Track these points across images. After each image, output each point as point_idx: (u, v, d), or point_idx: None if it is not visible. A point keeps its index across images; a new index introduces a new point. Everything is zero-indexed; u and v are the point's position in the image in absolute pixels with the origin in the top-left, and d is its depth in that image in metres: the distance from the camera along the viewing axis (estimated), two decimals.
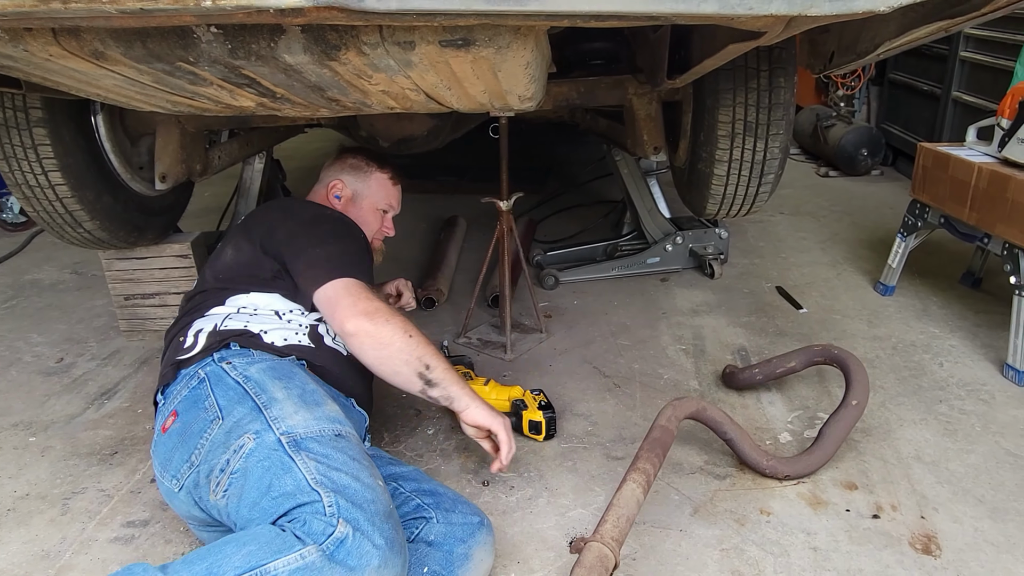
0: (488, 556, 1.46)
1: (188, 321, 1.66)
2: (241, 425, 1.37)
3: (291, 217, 1.80)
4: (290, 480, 1.26)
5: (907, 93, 4.55)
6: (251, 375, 1.48)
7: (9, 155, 1.99)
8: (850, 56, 1.47)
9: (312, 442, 1.34)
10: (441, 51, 1.11)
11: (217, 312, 1.67)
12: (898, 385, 2.18)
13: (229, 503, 1.31)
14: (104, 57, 1.10)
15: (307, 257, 1.68)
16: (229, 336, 1.59)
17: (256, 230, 1.78)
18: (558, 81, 2.16)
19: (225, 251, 1.79)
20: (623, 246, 3.16)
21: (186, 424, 1.44)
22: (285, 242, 1.71)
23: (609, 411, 2.08)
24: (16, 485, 1.85)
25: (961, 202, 2.35)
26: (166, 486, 1.47)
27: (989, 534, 1.60)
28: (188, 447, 1.41)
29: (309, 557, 1.14)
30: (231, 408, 1.41)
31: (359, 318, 1.56)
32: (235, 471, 1.32)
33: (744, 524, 1.65)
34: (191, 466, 1.40)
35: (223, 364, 1.51)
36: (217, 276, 1.75)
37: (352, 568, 1.16)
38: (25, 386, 2.32)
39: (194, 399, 1.47)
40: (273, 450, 1.31)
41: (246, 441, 1.34)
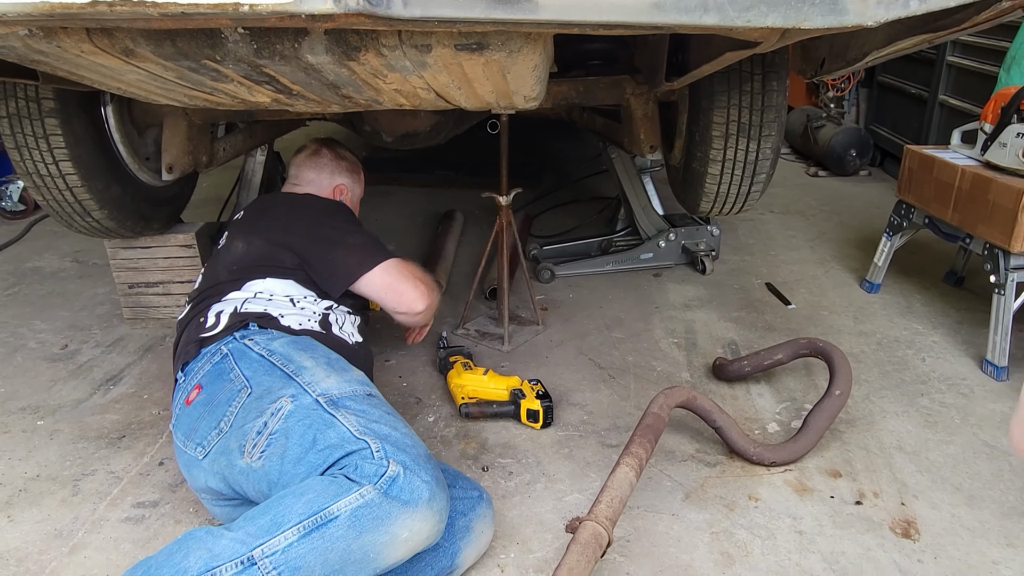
0: (488, 529, 1.53)
1: (206, 305, 1.73)
2: (273, 391, 1.45)
3: (307, 210, 1.91)
4: (334, 433, 1.35)
5: (895, 96, 4.64)
6: (275, 349, 1.57)
7: (21, 144, 2.03)
8: (840, 63, 1.54)
9: (348, 400, 1.44)
10: (455, 54, 1.17)
11: (235, 296, 1.74)
12: (882, 379, 2.26)
13: (268, 463, 1.37)
14: (134, 54, 1.16)
15: (344, 247, 1.83)
16: (249, 317, 1.67)
17: (267, 224, 1.87)
18: (558, 80, 2.22)
19: (234, 245, 1.86)
20: (617, 242, 3.22)
21: (212, 395, 1.51)
22: (308, 235, 1.82)
23: (604, 401, 2.15)
24: (26, 467, 1.90)
25: (945, 203, 2.43)
26: (189, 455, 1.53)
27: (965, 520, 1.68)
28: (215, 416, 1.48)
29: (368, 495, 1.23)
30: (258, 378, 1.49)
31: (427, 297, 1.91)
32: (274, 432, 1.38)
33: (733, 509, 1.72)
34: (219, 432, 1.46)
35: (245, 341, 1.59)
36: (230, 269, 1.81)
37: (406, 502, 1.25)
38: (31, 371, 2.36)
39: (218, 372, 1.54)
40: (312, 409, 1.40)
41: (283, 404, 1.41)
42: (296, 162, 2.19)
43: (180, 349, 1.71)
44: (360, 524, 1.22)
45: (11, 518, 1.71)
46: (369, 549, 1.23)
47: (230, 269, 1.81)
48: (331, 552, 1.21)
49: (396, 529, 1.25)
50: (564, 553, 1.35)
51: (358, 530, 1.22)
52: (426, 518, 1.28)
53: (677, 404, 1.82)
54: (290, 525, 1.21)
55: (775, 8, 0.95)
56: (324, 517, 1.22)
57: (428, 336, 2.35)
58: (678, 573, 1.54)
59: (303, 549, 1.20)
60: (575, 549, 1.35)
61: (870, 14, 0.96)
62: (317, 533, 1.21)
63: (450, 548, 1.45)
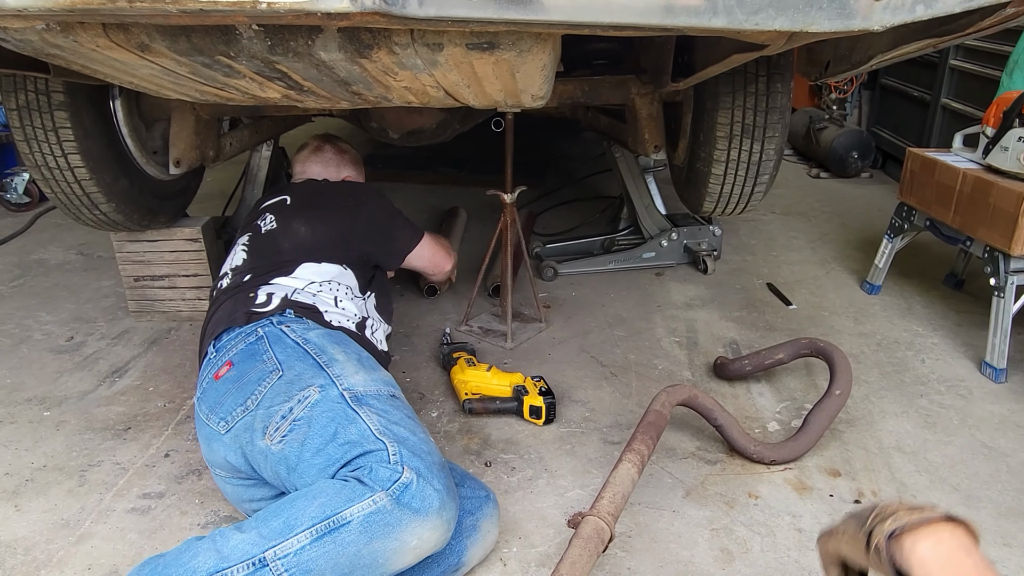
0: (494, 528, 1.55)
1: (255, 283, 1.79)
2: (303, 378, 1.48)
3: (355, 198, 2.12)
4: (355, 430, 1.37)
5: (898, 98, 4.66)
6: (310, 338, 1.61)
7: (30, 137, 2.05)
8: (845, 66, 1.55)
9: (372, 399, 1.47)
10: (466, 53, 1.18)
11: (286, 283, 1.82)
12: (881, 380, 2.28)
13: (287, 447, 1.40)
14: (149, 50, 1.17)
15: (395, 226, 2.15)
16: (297, 307, 1.73)
17: (332, 209, 2.02)
18: (564, 79, 2.24)
19: (294, 228, 1.94)
20: (620, 241, 3.24)
21: (242, 372, 1.54)
22: (371, 217, 2.07)
23: (606, 398, 2.17)
24: (33, 457, 1.91)
25: (946, 206, 2.45)
26: (211, 429, 1.55)
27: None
28: (244, 393, 1.50)
29: (380, 502, 1.25)
30: (291, 363, 1.52)
31: (451, 258, 2.38)
32: (298, 419, 1.41)
33: (733, 506, 1.74)
34: (245, 409, 1.49)
35: (281, 327, 1.63)
36: (295, 249, 1.91)
37: (417, 511, 1.27)
38: (37, 363, 2.38)
39: (251, 352, 1.58)
40: (337, 402, 1.43)
41: (311, 393, 1.44)
42: (300, 159, 2.24)
43: (222, 316, 1.74)
44: (371, 530, 1.24)
45: (18, 507, 1.73)
46: (379, 555, 1.26)
47: (295, 249, 1.90)
48: (342, 557, 1.23)
49: (406, 536, 1.27)
50: (567, 547, 1.37)
51: (369, 536, 1.24)
52: (435, 527, 1.30)
53: (679, 402, 1.83)
54: (303, 528, 1.23)
55: (783, 12, 0.97)
56: (337, 522, 1.24)
57: (431, 332, 2.37)
58: (679, 569, 1.56)
59: (315, 553, 1.22)
60: (577, 543, 1.36)
61: (876, 18, 0.98)
62: (329, 537, 1.23)
63: (457, 546, 1.46)
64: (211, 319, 1.80)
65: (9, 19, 0.98)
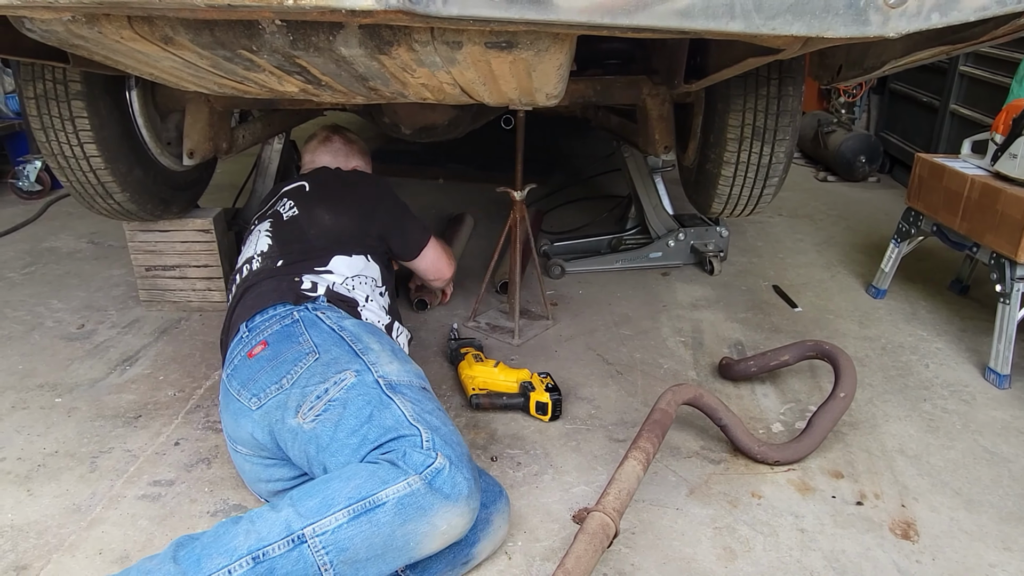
0: (504, 523, 1.57)
1: (297, 270, 1.84)
2: (339, 362, 1.52)
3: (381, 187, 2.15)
4: (390, 415, 1.41)
5: (907, 103, 4.66)
6: (346, 326, 1.65)
7: (48, 126, 2.07)
8: (857, 71, 1.56)
9: (405, 388, 1.50)
10: (484, 51, 1.20)
11: (326, 275, 1.87)
12: (885, 383, 2.29)
13: (320, 426, 1.43)
14: (172, 42, 1.19)
15: (405, 223, 2.16)
16: (337, 299, 1.78)
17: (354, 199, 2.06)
18: (576, 78, 2.25)
19: (317, 215, 1.98)
20: (627, 240, 3.26)
21: (277, 352, 1.58)
22: (389, 209, 2.09)
23: (611, 396, 2.19)
24: (45, 443, 1.94)
25: (953, 212, 2.46)
26: (241, 404, 1.57)
27: (964, 523, 1.71)
28: (279, 371, 1.54)
29: (414, 485, 1.28)
30: (327, 347, 1.56)
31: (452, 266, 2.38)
32: (334, 399, 1.45)
33: (736, 505, 1.76)
34: (280, 387, 1.52)
35: (317, 313, 1.68)
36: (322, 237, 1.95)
37: (447, 496, 1.30)
38: (48, 350, 2.40)
39: (287, 334, 1.61)
40: (372, 387, 1.46)
41: (347, 376, 1.48)
42: (309, 149, 2.26)
43: (266, 292, 1.76)
44: (405, 512, 1.27)
45: (31, 492, 1.75)
46: (410, 537, 1.29)
47: (321, 237, 1.94)
48: (376, 536, 1.26)
49: (437, 520, 1.30)
50: (572, 542, 1.39)
51: (403, 518, 1.27)
52: (463, 514, 1.34)
53: (684, 401, 1.85)
54: (340, 507, 1.26)
55: (800, 17, 0.98)
56: (372, 503, 1.27)
57: (438, 327, 2.38)
58: (681, 566, 1.57)
59: (352, 531, 1.25)
60: (583, 539, 1.38)
61: (891, 25, 0.99)
62: (365, 517, 1.26)
63: (470, 538, 1.48)
64: (244, 298, 1.81)
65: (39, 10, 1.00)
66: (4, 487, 1.76)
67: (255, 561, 1.22)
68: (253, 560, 1.22)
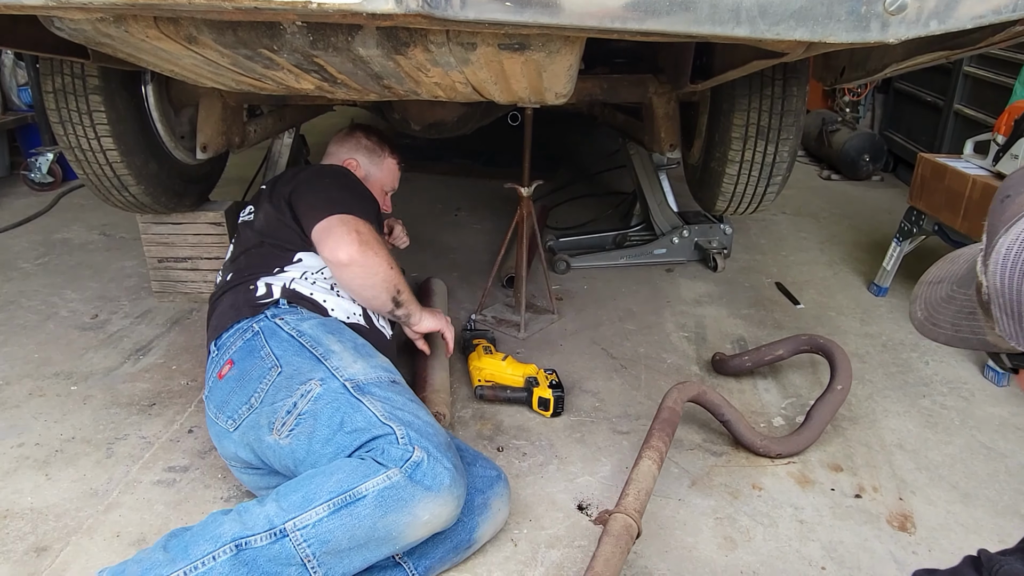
0: (504, 507, 1.61)
1: (252, 276, 1.78)
2: (303, 372, 1.52)
3: (304, 174, 1.96)
4: (361, 418, 1.42)
5: (911, 103, 4.68)
6: (304, 330, 1.63)
7: (65, 119, 2.11)
8: (860, 73, 1.60)
9: (373, 387, 1.51)
10: (498, 52, 1.24)
11: (283, 275, 1.80)
12: (885, 380, 2.33)
13: (295, 441, 1.45)
14: (196, 41, 1.23)
15: (310, 198, 1.84)
16: (294, 296, 1.74)
17: (280, 192, 1.92)
18: (583, 77, 2.28)
19: (256, 217, 1.94)
20: (632, 236, 3.29)
21: (243, 371, 1.58)
22: (296, 193, 1.87)
23: (616, 389, 2.23)
24: (62, 429, 1.98)
25: (955, 211, 2.49)
26: (220, 427, 1.60)
27: (960, 516, 1.75)
28: (246, 391, 1.55)
29: (394, 478, 1.31)
30: (288, 358, 1.56)
31: (352, 247, 1.72)
32: (303, 413, 1.46)
33: (737, 497, 1.80)
34: (250, 408, 1.54)
35: (276, 320, 1.66)
36: (261, 232, 1.88)
37: (428, 487, 1.33)
38: (63, 339, 2.45)
39: (249, 349, 1.61)
40: (340, 393, 1.47)
41: (313, 387, 1.48)
42: (331, 140, 2.25)
43: (225, 311, 1.74)
44: (386, 504, 1.30)
45: (49, 476, 1.80)
46: (392, 528, 1.32)
47: (261, 235, 1.87)
48: (358, 529, 1.29)
49: (418, 511, 1.33)
50: (597, 545, 1.40)
51: (384, 510, 1.30)
52: (446, 503, 1.36)
53: (689, 398, 1.89)
54: (321, 502, 1.30)
55: (803, 23, 1.02)
56: (353, 496, 1.30)
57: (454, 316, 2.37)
58: (683, 554, 1.62)
59: (332, 524, 1.28)
60: (608, 540, 1.39)
61: (892, 32, 1.03)
62: (346, 510, 1.29)
63: (468, 523, 1.52)
64: (212, 314, 1.81)
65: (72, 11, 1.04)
66: (23, 471, 1.81)
67: (238, 549, 1.26)
68: (236, 548, 1.26)
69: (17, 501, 1.71)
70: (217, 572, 1.25)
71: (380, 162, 2.23)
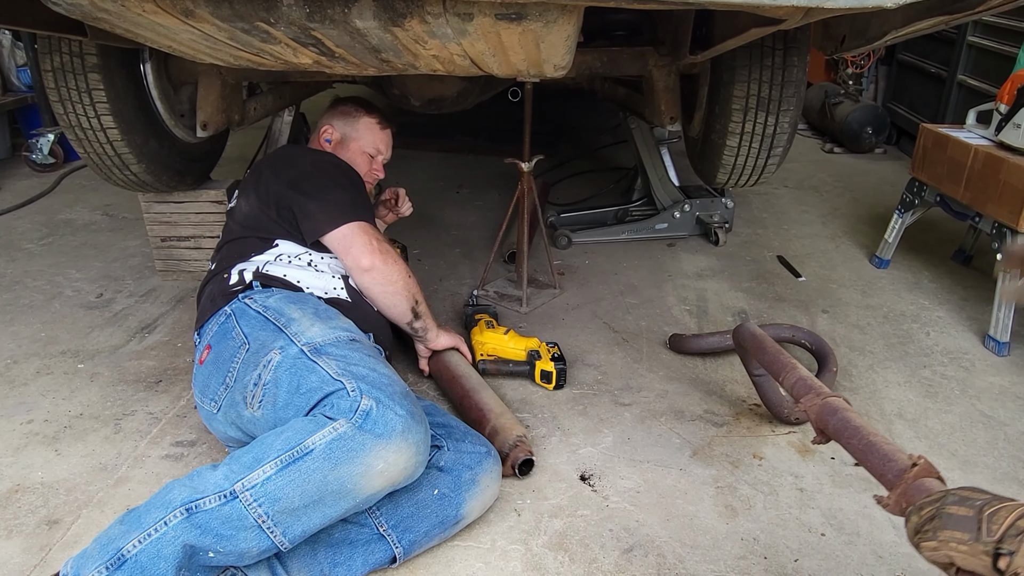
0: (493, 483, 1.60)
1: (229, 263, 1.82)
2: (267, 345, 1.55)
3: (292, 166, 1.94)
4: (315, 377, 1.44)
5: (914, 74, 4.65)
6: (270, 304, 1.66)
7: (65, 98, 2.11)
8: (860, 41, 1.59)
9: (330, 347, 1.52)
10: (495, 23, 1.23)
11: (257, 259, 1.82)
12: (886, 351, 2.34)
13: (264, 411, 1.48)
14: (192, 15, 1.23)
15: (318, 202, 1.86)
16: (269, 280, 1.76)
17: (263, 180, 1.92)
18: (583, 50, 2.27)
19: (240, 203, 1.94)
20: (633, 211, 3.29)
21: (218, 354, 1.62)
22: (292, 191, 1.87)
23: (617, 362, 2.24)
24: (70, 406, 2.01)
25: (957, 182, 2.49)
26: (206, 410, 1.65)
27: (959, 483, 1.75)
28: (222, 372, 1.59)
29: (341, 428, 1.31)
30: (255, 334, 1.59)
31: (375, 255, 1.83)
32: (267, 383, 1.49)
33: (738, 466, 1.82)
34: (226, 387, 1.57)
35: (245, 300, 1.69)
36: (243, 224, 1.89)
37: (379, 435, 1.32)
38: (69, 318, 2.47)
39: (223, 333, 1.65)
40: (297, 358, 1.49)
41: (273, 356, 1.51)
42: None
43: (205, 304, 1.79)
44: (335, 456, 1.29)
45: (58, 452, 1.82)
46: (345, 480, 1.31)
47: (243, 225, 1.89)
48: (308, 483, 1.29)
49: (371, 460, 1.32)
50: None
51: (333, 462, 1.29)
52: (400, 450, 1.34)
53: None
54: (268, 460, 1.29)
55: None
56: (300, 451, 1.30)
57: (447, 296, 2.40)
58: (684, 523, 1.64)
59: (281, 481, 1.28)
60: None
61: None
62: (294, 466, 1.29)
63: (455, 499, 1.52)
64: (198, 304, 1.85)
65: None
66: (34, 447, 1.83)
67: (188, 512, 1.25)
68: (186, 511, 1.25)
69: (28, 476, 1.74)
70: (170, 536, 1.23)
71: (355, 122, 2.15)
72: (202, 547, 1.25)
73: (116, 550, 1.23)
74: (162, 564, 1.22)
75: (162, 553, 1.22)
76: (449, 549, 1.55)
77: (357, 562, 1.44)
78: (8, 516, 1.61)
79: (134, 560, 1.22)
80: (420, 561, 1.51)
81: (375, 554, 1.45)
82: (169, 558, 1.22)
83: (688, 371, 2.20)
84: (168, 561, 1.22)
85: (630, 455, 1.84)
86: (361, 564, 1.44)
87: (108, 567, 1.21)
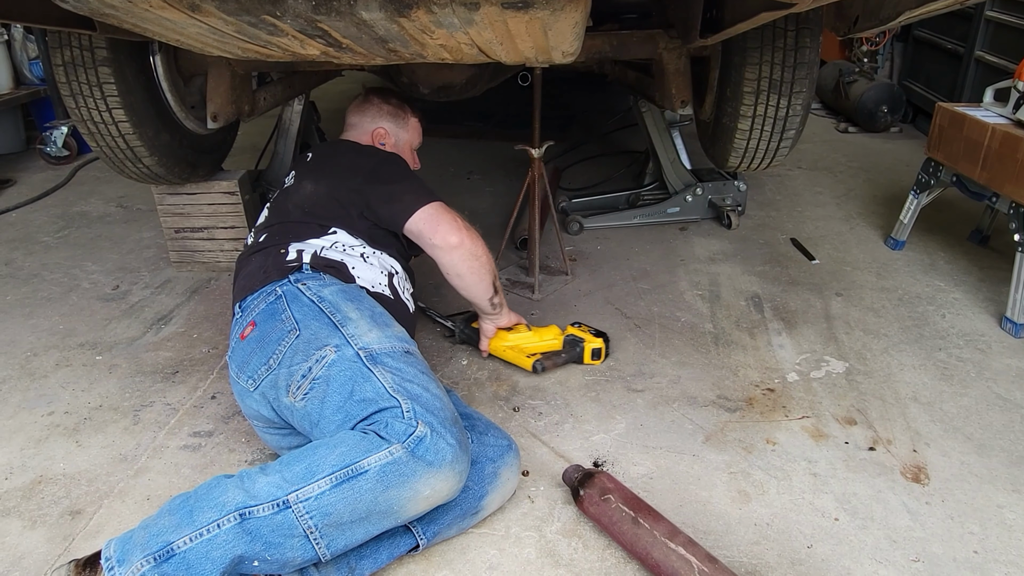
0: (514, 476, 1.63)
1: (285, 240, 1.83)
2: (320, 338, 1.55)
3: (368, 156, 2.02)
4: (370, 388, 1.44)
5: (931, 51, 4.57)
6: (324, 296, 1.66)
7: (76, 92, 2.12)
8: (874, 21, 1.57)
9: (386, 357, 1.53)
10: (501, 11, 1.22)
11: (315, 242, 1.84)
12: (901, 333, 2.32)
13: (309, 405, 1.49)
14: (199, 9, 1.23)
15: (402, 186, 1.95)
16: (324, 264, 1.78)
17: (332, 169, 1.98)
18: (592, 34, 2.25)
19: (304, 185, 1.96)
20: (645, 196, 3.28)
21: (264, 333, 1.62)
22: (372, 178, 1.93)
23: (630, 349, 2.24)
24: (89, 397, 2.04)
25: (973, 161, 2.45)
26: (241, 386, 1.65)
27: (974, 467, 1.76)
28: (266, 352, 1.59)
29: (396, 453, 1.33)
30: (307, 322, 1.59)
31: (462, 232, 1.90)
32: (317, 378, 1.49)
33: (751, 452, 1.82)
34: (268, 368, 1.57)
35: (298, 285, 1.69)
36: (303, 209, 1.91)
37: (430, 463, 1.34)
38: (86, 310, 2.50)
39: (271, 312, 1.65)
40: (353, 362, 1.49)
41: (328, 353, 1.51)
42: (348, 110, 2.25)
43: (254, 272, 1.78)
44: (387, 479, 1.32)
45: (79, 443, 1.86)
46: (393, 502, 1.34)
47: (302, 209, 1.91)
48: (359, 503, 1.32)
49: (419, 486, 1.35)
50: None
51: (385, 484, 1.32)
52: (447, 478, 1.38)
53: None
54: (324, 475, 1.31)
55: None
56: (355, 470, 1.32)
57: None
58: (697, 508, 1.64)
59: (334, 498, 1.30)
60: None
61: None
62: (348, 484, 1.31)
63: (478, 491, 1.55)
64: (240, 274, 1.85)
65: None
66: (55, 439, 1.87)
67: (242, 518, 1.28)
68: (240, 516, 1.28)
69: (50, 467, 1.77)
70: (222, 539, 1.26)
71: (406, 124, 2.26)
72: (249, 555, 1.28)
73: (166, 543, 1.25)
74: (209, 566, 1.24)
75: (211, 555, 1.25)
76: (464, 536, 1.56)
77: (383, 554, 1.47)
78: (32, 507, 1.65)
79: (182, 556, 1.24)
80: (436, 548, 1.53)
81: (399, 546, 1.48)
82: (217, 561, 1.25)
83: (700, 356, 2.19)
84: (215, 564, 1.25)
85: (643, 441, 1.84)
86: (386, 556, 1.48)
87: (156, 558, 1.24)
